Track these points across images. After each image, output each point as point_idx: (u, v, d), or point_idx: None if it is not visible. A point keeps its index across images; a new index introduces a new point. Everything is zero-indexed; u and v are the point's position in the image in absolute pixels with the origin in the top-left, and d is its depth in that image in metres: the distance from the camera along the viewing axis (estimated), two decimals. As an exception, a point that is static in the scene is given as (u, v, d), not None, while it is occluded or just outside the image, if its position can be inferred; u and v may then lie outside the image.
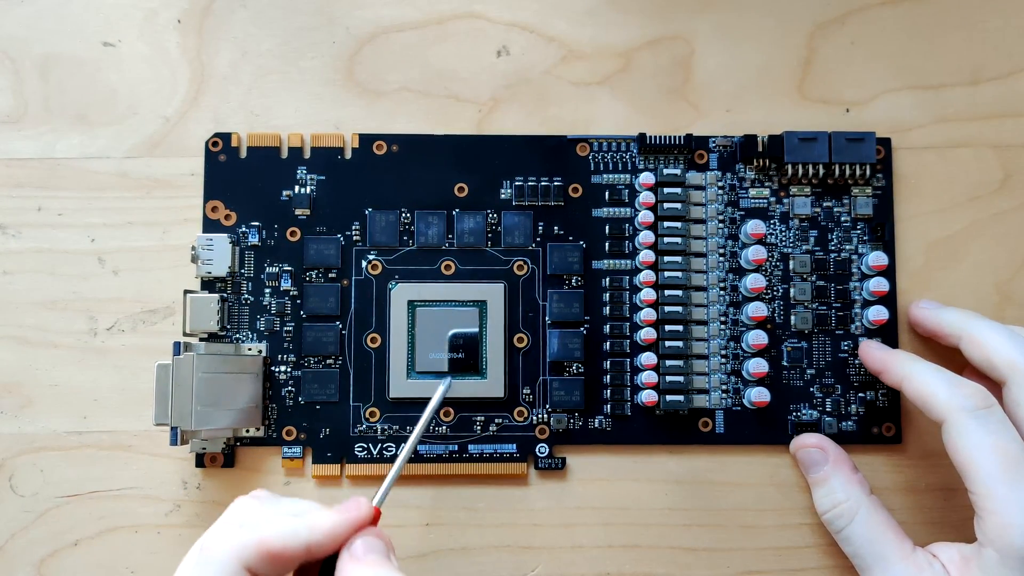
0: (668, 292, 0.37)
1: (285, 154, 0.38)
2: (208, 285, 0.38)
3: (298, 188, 0.38)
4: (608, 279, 0.38)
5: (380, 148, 0.38)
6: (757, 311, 0.37)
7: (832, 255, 0.38)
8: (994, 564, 0.30)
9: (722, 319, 0.38)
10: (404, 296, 0.37)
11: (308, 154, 0.38)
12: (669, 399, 0.37)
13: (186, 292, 0.36)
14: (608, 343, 0.38)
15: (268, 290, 0.38)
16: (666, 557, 0.37)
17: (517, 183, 0.38)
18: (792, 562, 0.37)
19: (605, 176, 0.38)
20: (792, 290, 0.38)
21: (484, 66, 0.39)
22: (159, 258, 0.38)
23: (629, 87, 0.39)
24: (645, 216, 0.38)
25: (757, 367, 0.37)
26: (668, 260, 0.38)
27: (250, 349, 0.37)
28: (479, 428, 0.37)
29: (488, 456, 0.37)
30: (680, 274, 0.37)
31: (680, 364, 0.37)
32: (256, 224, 0.38)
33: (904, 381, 0.34)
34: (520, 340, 0.38)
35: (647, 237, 0.37)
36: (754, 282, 0.37)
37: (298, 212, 0.38)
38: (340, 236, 0.38)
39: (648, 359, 0.37)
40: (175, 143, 0.39)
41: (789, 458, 0.38)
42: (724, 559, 0.37)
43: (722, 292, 0.38)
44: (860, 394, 0.38)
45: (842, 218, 0.38)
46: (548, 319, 0.38)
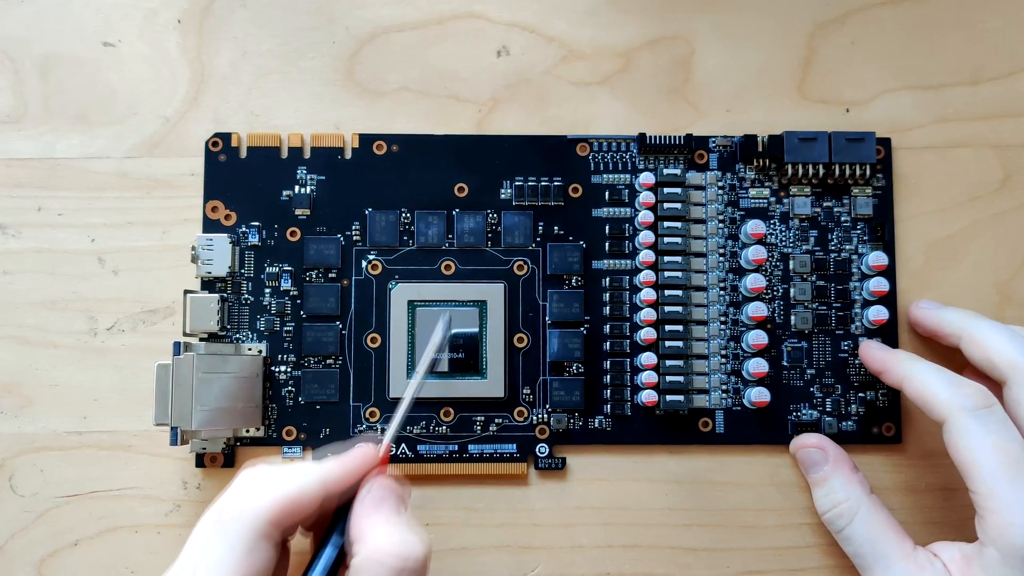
0: (668, 292, 0.37)
1: (285, 154, 0.38)
2: (208, 285, 0.38)
3: (298, 188, 0.38)
4: (608, 279, 0.38)
5: (380, 148, 0.38)
6: (757, 311, 0.37)
7: (832, 255, 0.38)
8: (996, 563, 0.30)
9: (722, 319, 0.38)
10: (404, 296, 0.37)
11: (308, 154, 0.38)
12: (669, 399, 0.37)
13: (186, 292, 0.36)
14: (608, 343, 0.38)
15: (268, 290, 0.38)
16: (666, 557, 0.37)
17: (517, 183, 0.38)
18: (792, 562, 0.37)
19: (605, 176, 0.38)
20: (792, 290, 0.38)
21: (484, 66, 0.39)
22: (159, 258, 0.38)
23: (629, 87, 0.39)
24: (645, 216, 0.38)
25: (757, 367, 0.37)
26: (668, 260, 0.38)
27: (250, 349, 0.37)
28: (479, 428, 0.37)
29: (488, 456, 0.37)
30: (680, 274, 0.37)
31: (680, 364, 0.37)
32: (256, 224, 0.38)
33: (905, 381, 0.34)
34: (520, 340, 0.38)
35: (647, 237, 0.37)
36: (754, 282, 0.37)
37: (298, 212, 0.38)
38: (340, 236, 0.38)
39: (648, 359, 0.37)
40: (175, 143, 0.39)
41: (789, 458, 0.38)
42: (724, 559, 0.37)
43: (722, 292, 0.38)
44: (860, 394, 0.38)
45: (842, 218, 0.38)
46: (548, 319, 0.38)
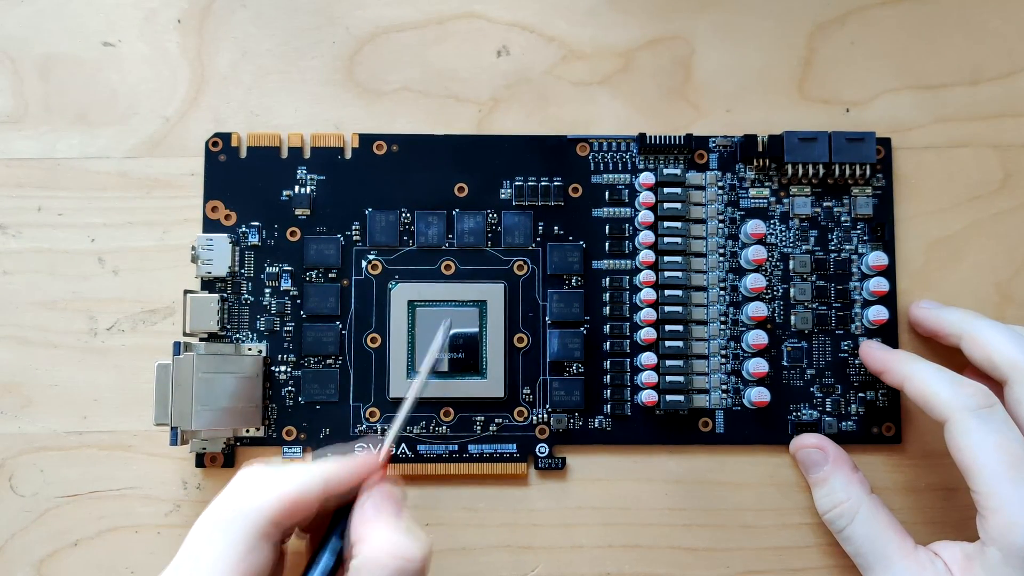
0: (668, 292, 0.37)
1: (285, 154, 0.38)
2: (208, 285, 0.38)
3: (298, 188, 0.38)
4: (608, 279, 0.38)
5: (380, 148, 0.38)
6: (757, 311, 0.37)
7: (832, 255, 0.38)
8: (997, 563, 0.30)
9: (722, 319, 0.38)
10: (404, 296, 0.37)
11: (308, 154, 0.38)
12: (669, 399, 0.37)
13: (186, 292, 0.36)
14: (608, 343, 0.38)
15: (268, 290, 0.38)
16: (666, 557, 0.37)
17: (517, 183, 0.38)
18: (792, 562, 0.37)
19: (605, 176, 0.38)
20: (792, 290, 0.38)
21: (484, 66, 0.39)
22: (159, 258, 0.38)
23: (629, 87, 0.39)
24: (645, 216, 0.38)
25: (757, 367, 0.37)
26: (668, 260, 0.38)
27: (250, 349, 0.37)
28: (479, 428, 0.37)
29: (488, 456, 0.37)
30: (680, 274, 0.37)
31: (680, 364, 0.37)
32: (256, 224, 0.38)
33: (906, 381, 0.34)
34: (520, 340, 0.38)
35: (647, 237, 0.37)
36: (754, 282, 0.37)
37: (298, 212, 0.38)
38: (340, 236, 0.38)
39: (648, 359, 0.37)
40: (175, 143, 0.39)
41: (789, 458, 0.38)
42: (724, 559, 0.37)
43: (722, 292, 0.38)
44: (860, 394, 0.38)
45: (842, 218, 0.38)
46: (548, 319, 0.38)
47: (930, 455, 0.38)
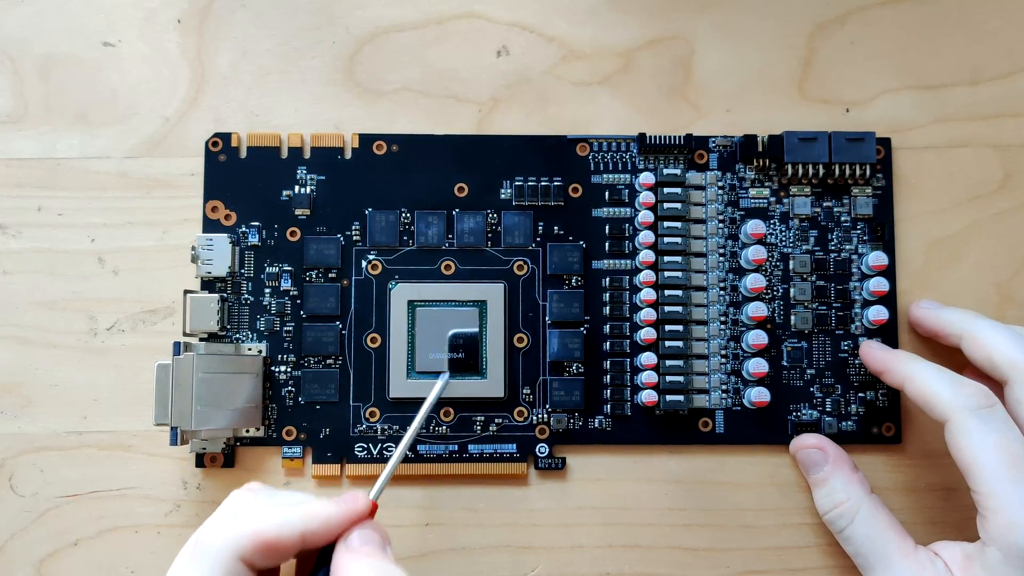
0: (668, 292, 0.37)
1: (285, 154, 0.38)
2: (208, 285, 0.38)
3: (298, 188, 0.38)
4: (608, 279, 0.38)
5: (380, 148, 0.38)
6: (757, 311, 0.37)
7: (832, 255, 0.38)
8: (997, 563, 0.30)
9: (722, 319, 0.38)
10: (404, 296, 0.37)
11: (308, 154, 0.38)
12: (669, 399, 0.37)
13: (186, 292, 0.36)
14: (608, 343, 0.38)
15: (268, 290, 0.38)
16: (666, 557, 0.37)
17: (517, 183, 0.38)
18: (792, 562, 0.37)
19: (605, 176, 0.38)
20: (792, 290, 0.38)
21: (484, 66, 0.39)
22: (159, 258, 0.38)
23: (629, 87, 0.39)
24: (645, 216, 0.38)
25: (757, 367, 0.37)
26: (668, 260, 0.38)
27: (250, 349, 0.37)
28: (479, 428, 0.37)
29: (488, 456, 0.37)
30: (680, 274, 0.37)
31: (680, 364, 0.37)
32: (256, 224, 0.38)
33: (906, 381, 0.34)
34: (520, 340, 0.38)
35: (647, 237, 0.37)
36: (754, 282, 0.37)
37: (298, 212, 0.38)
38: (340, 236, 0.38)
39: (648, 359, 0.37)
40: (175, 143, 0.39)
41: (789, 458, 0.37)
42: (724, 559, 0.37)
43: (722, 292, 0.38)
44: (860, 394, 0.38)
45: (842, 218, 0.38)
46: (548, 319, 0.38)
47: (930, 455, 0.38)
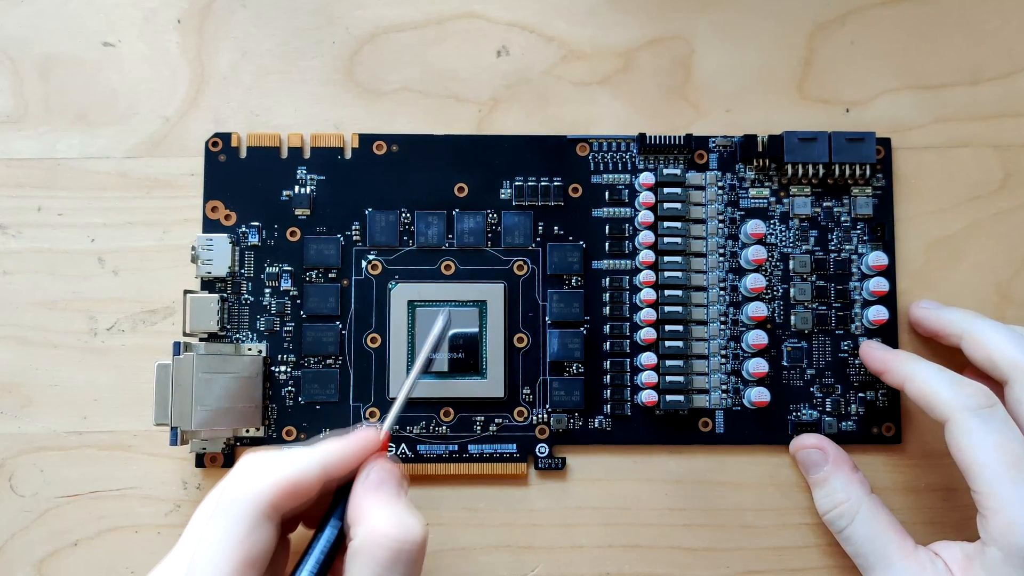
0: (668, 292, 0.37)
1: (285, 154, 0.38)
2: (208, 285, 0.38)
3: (298, 188, 0.38)
4: (608, 279, 0.38)
5: (380, 148, 0.38)
6: (757, 311, 0.37)
7: (832, 255, 0.38)
8: (997, 563, 0.30)
9: (722, 319, 0.38)
10: (404, 296, 0.37)
11: (308, 154, 0.38)
12: (669, 399, 0.37)
13: (186, 292, 0.36)
14: (608, 343, 0.38)
15: (268, 290, 0.38)
16: (666, 557, 0.37)
17: (517, 183, 0.38)
18: (792, 562, 0.37)
19: (605, 176, 0.38)
20: (792, 290, 0.38)
21: (484, 66, 0.39)
22: (159, 258, 0.38)
23: (629, 87, 0.39)
24: (645, 216, 0.38)
25: (757, 367, 0.37)
26: (668, 260, 0.38)
27: (250, 349, 0.37)
28: (479, 428, 0.37)
29: (488, 456, 0.37)
30: (680, 274, 0.37)
31: (680, 364, 0.37)
32: (256, 224, 0.38)
33: (906, 381, 0.34)
34: (520, 340, 0.38)
35: (647, 237, 0.37)
36: (754, 282, 0.37)
37: (298, 212, 0.38)
38: (340, 236, 0.38)
39: (648, 359, 0.37)
40: (175, 143, 0.39)
41: (789, 458, 0.37)
42: (724, 559, 0.37)
43: (722, 292, 0.38)
44: (860, 394, 0.38)
45: (842, 218, 0.38)
46: (548, 319, 0.38)
47: (930, 455, 0.38)
